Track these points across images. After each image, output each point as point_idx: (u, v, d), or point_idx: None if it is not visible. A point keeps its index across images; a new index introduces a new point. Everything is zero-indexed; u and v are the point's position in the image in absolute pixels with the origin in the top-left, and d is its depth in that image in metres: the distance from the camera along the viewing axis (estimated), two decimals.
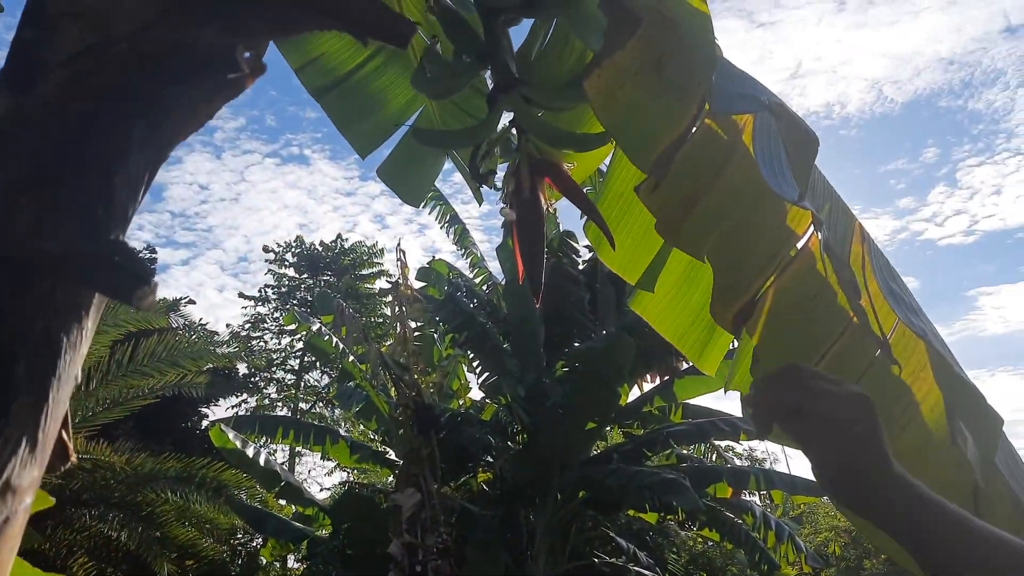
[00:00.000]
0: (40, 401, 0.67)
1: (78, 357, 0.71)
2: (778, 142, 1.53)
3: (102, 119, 0.77)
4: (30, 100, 0.76)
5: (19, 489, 0.66)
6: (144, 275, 0.65)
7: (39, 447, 0.67)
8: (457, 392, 13.02)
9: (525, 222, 1.75)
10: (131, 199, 0.78)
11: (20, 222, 0.70)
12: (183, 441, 16.30)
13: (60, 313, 0.69)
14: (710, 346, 2.46)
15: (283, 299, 32.03)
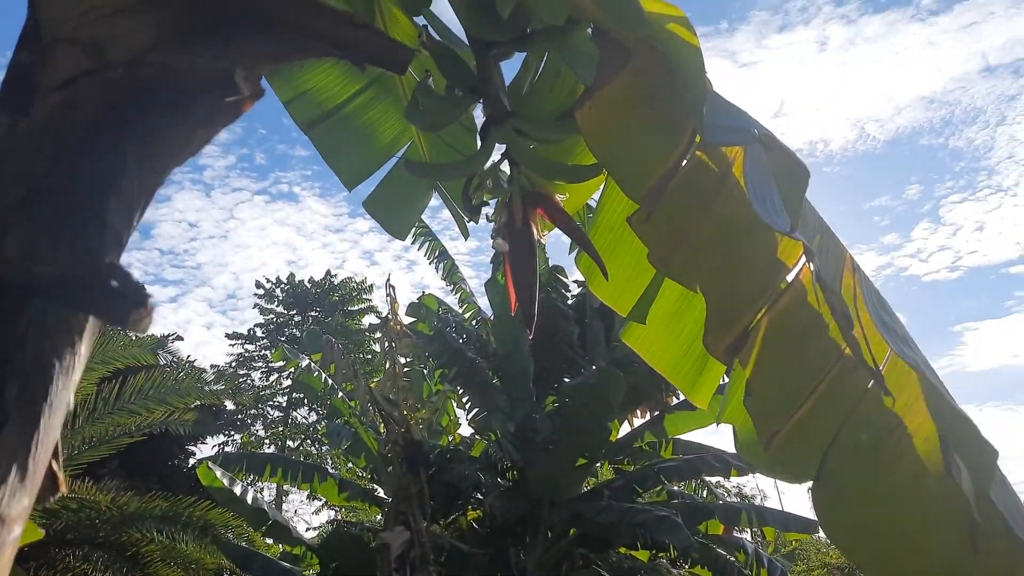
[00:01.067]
0: (31, 427, 0.65)
1: (70, 383, 0.69)
2: (768, 174, 1.54)
3: (96, 142, 0.77)
4: (25, 122, 0.75)
5: (8, 519, 0.64)
6: (140, 298, 0.64)
7: (29, 475, 0.65)
8: (446, 428, 12.94)
9: (518, 253, 1.75)
10: (125, 223, 0.77)
11: (12, 243, 0.69)
12: (169, 479, 16.07)
13: (52, 337, 0.68)
14: (702, 378, 2.45)
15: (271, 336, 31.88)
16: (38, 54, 0.80)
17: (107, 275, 0.65)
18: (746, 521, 10.58)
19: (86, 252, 0.72)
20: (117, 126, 0.78)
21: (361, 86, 2.49)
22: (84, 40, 0.82)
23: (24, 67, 0.80)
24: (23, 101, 0.77)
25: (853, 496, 1.87)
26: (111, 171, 0.77)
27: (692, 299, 2.37)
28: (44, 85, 0.78)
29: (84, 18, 0.83)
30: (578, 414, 9.64)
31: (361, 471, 13.94)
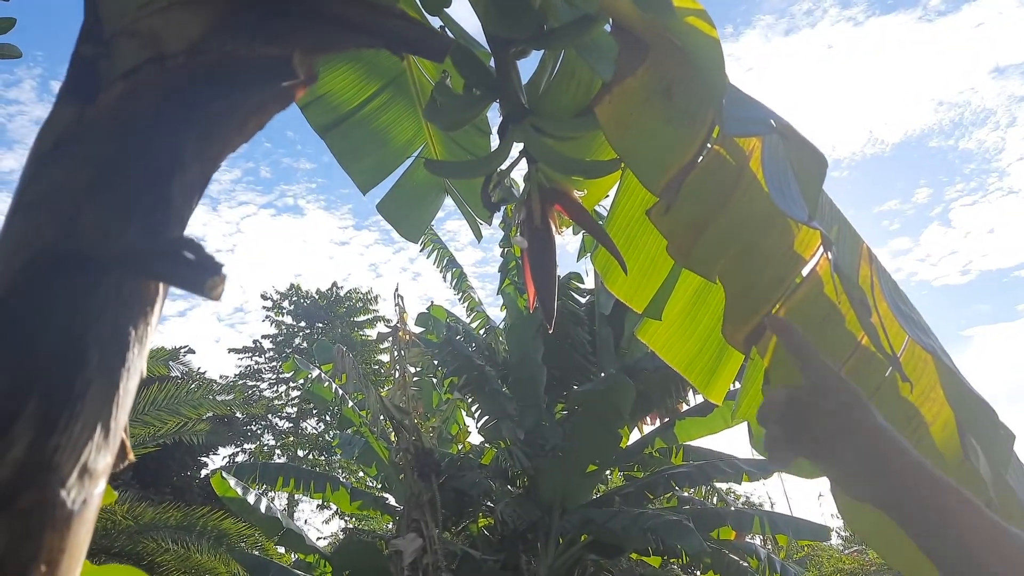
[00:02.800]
0: (111, 390, 0.70)
1: (144, 350, 0.74)
2: (786, 164, 1.57)
3: (158, 128, 0.81)
4: (91, 109, 0.80)
5: (95, 473, 0.68)
6: (214, 267, 0.68)
7: (111, 434, 0.70)
8: (456, 437, 12.96)
9: (537, 250, 1.79)
10: (186, 206, 0.82)
11: (87, 222, 0.73)
12: (182, 490, 16.15)
13: (127, 307, 0.72)
14: (717, 374, 2.48)
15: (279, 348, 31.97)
16: (100, 46, 0.85)
17: (181, 247, 0.70)
18: (758, 526, 10.56)
19: (153, 232, 0.77)
20: (177, 112, 0.83)
21: (375, 90, 2.54)
22: (143, 32, 0.87)
23: (87, 59, 0.85)
24: (88, 91, 0.82)
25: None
26: (173, 156, 0.81)
27: (707, 295, 2.40)
28: (107, 75, 0.83)
29: (142, 11, 0.88)
30: (588, 421, 9.66)
31: (372, 480, 13.97)
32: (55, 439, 0.68)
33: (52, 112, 0.81)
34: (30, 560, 0.66)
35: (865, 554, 18.69)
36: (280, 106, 0.86)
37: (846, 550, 22.50)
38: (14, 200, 0.76)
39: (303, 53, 0.89)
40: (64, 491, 0.68)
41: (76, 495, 0.69)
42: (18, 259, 0.73)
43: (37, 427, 0.68)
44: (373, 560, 10.28)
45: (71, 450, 0.69)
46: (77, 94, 0.81)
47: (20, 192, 0.76)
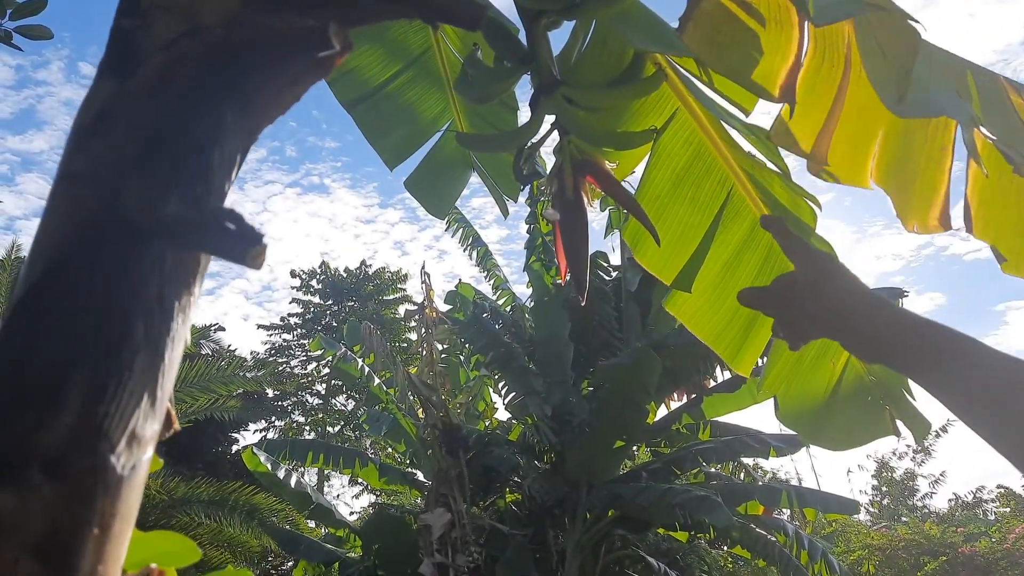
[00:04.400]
0: (157, 359, 0.71)
1: (188, 321, 0.75)
2: (875, 44, 1.53)
3: (198, 101, 0.82)
4: (131, 82, 0.81)
5: (143, 439, 0.70)
6: (255, 237, 0.69)
7: (158, 402, 0.71)
8: (483, 413, 13.03)
9: (569, 222, 1.79)
10: (226, 177, 0.83)
11: (129, 195, 0.74)
12: (214, 466, 16.41)
13: (171, 277, 0.73)
14: (745, 347, 2.48)
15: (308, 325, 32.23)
16: (138, 19, 0.86)
17: (224, 217, 0.71)
18: (786, 501, 10.54)
19: (195, 203, 0.77)
20: (215, 85, 0.83)
21: (402, 65, 2.54)
22: (179, 5, 0.87)
23: (126, 32, 0.86)
24: (129, 64, 0.82)
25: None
26: (212, 128, 0.82)
27: (737, 268, 2.39)
28: (147, 48, 0.84)
29: None
30: (614, 396, 9.66)
31: (400, 455, 14.11)
32: (104, 406, 0.70)
33: (92, 87, 0.82)
34: (84, 523, 0.68)
35: (893, 529, 18.60)
36: (316, 77, 0.87)
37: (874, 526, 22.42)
38: (58, 172, 0.77)
39: (338, 23, 0.89)
40: (114, 457, 0.70)
41: (126, 461, 0.71)
42: (63, 230, 0.74)
43: (86, 395, 0.69)
44: (402, 534, 10.42)
45: (119, 417, 0.70)
46: (117, 68, 0.82)
47: (64, 164, 0.78)
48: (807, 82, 1.89)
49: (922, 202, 1.98)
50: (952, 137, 1.91)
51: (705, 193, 2.29)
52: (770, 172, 2.14)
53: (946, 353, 1.03)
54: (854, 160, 2.00)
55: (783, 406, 2.53)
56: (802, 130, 1.98)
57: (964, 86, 1.75)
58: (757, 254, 2.38)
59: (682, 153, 2.24)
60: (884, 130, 1.95)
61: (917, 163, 1.94)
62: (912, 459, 25.95)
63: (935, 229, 2.00)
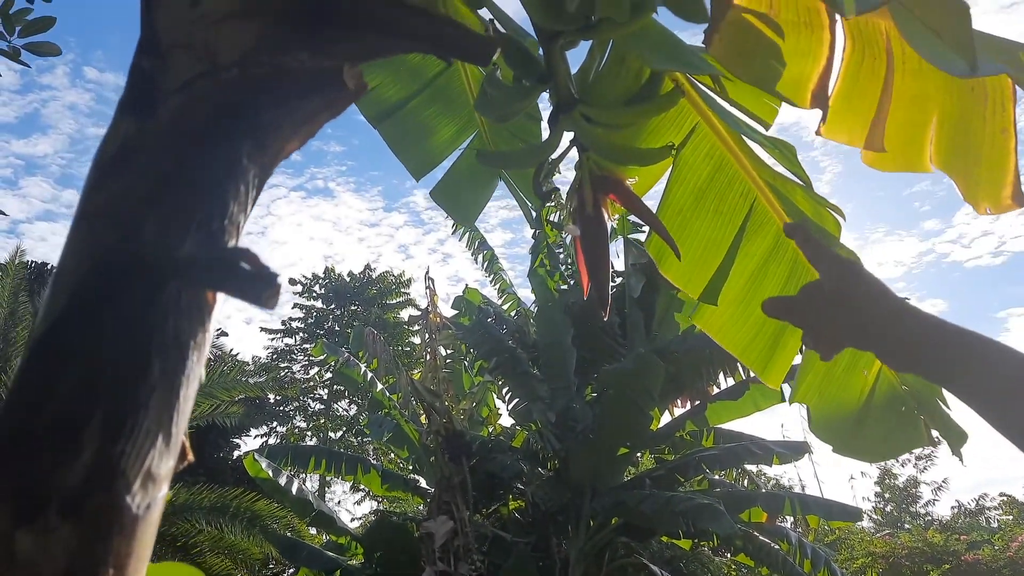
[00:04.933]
0: (172, 397, 0.72)
1: (202, 358, 0.76)
2: (920, 23, 1.50)
3: (215, 139, 0.83)
4: (151, 122, 0.81)
5: (158, 478, 0.70)
6: (270, 278, 0.70)
7: (173, 440, 0.72)
8: (487, 419, 13.02)
9: (590, 238, 1.80)
10: (241, 213, 0.83)
11: (147, 233, 0.75)
12: (216, 472, 16.40)
13: (186, 316, 0.74)
14: (774, 359, 2.47)
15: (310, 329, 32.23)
16: (157, 59, 0.86)
17: (239, 258, 0.71)
18: (789, 509, 10.51)
19: (211, 240, 0.78)
20: (232, 123, 0.84)
21: (427, 80, 2.56)
22: (197, 45, 0.88)
23: (145, 72, 0.86)
24: (148, 104, 0.83)
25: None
26: (228, 166, 0.83)
27: (763, 280, 2.38)
28: (165, 88, 0.84)
29: (196, 24, 0.89)
30: (618, 402, 9.65)
31: (403, 462, 14.11)
32: (121, 445, 0.70)
33: (112, 124, 0.83)
34: (99, 563, 0.68)
35: (896, 537, 18.55)
36: (331, 115, 0.87)
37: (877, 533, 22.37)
38: (78, 209, 0.78)
39: (352, 59, 0.90)
40: (130, 496, 0.70)
41: (141, 500, 0.71)
42: (82, 267, 0.75)
43: (104, 433, 0.70)
44: (404, 542, 10.40)
45: (136, 456, 0.71)
46: (137, 107, 0.82)
47: (83, 202, 0.78)
48: (850, 78, 1.87)
49: (991, 183, 1.93)
50: (1011, 118, 1.88)
51: (728, 206, 2.29)
52: (792, 183, 2.14)
53: (974, 358, 1.02)
54: (911, 147, 1.97)
55: (815, 417, 2.52)
56: (854, 123, 1.95)
57: (1017, 62, 1.74)
58: (783, 265, 2.37)
59: (703, 167, 2.24)
60: (938, 116, 1.92)
61: (979, 146, 1.90)
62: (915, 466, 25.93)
63: (1009, 208, 1.96)
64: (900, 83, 1.86)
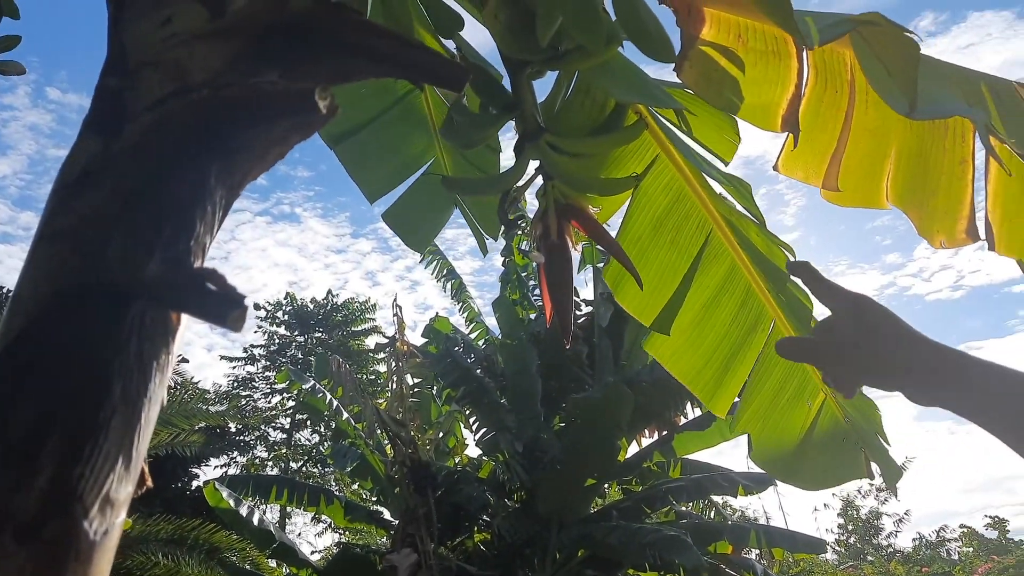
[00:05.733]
0: (134, 420, 0.70)
1: (165, 380, 0.74)
2: (875, 57, 1.53)
3: (183, 160, 0.82)
4: (117, 141, 0.80)
5: (117, 503, 0.69)
6: (237, 299, 0.68)
7: (133, 464, 0.70)
8: (453, 450, 12.90)
9: (553, 265, 1.80)
10: (208, 233, 0.82)
11: (112, 253, 0.74)
12: (173, 502, 16.01)
13: (151, 338, 0.72)
14: (721, 388, 2.50)
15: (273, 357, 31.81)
16: (125, 78, 0.86)
17: (205, 278, 0.70)
18: (754, 540, 10.53)
19: (177, 261, 0.77)
20: (201, 145, 0.83)
21: (386, 105, 2.55)
22: (167, 63, 0.87)
23: (112, 91, 0.85)
24: (115, 123, 0.82)
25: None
26: (196, 186, 0.82)
27: (715, 310, 2.41)
28: (133, 107, 0.83)
29: (167, 43, 0.88)
30: (586, 432, 9.63)
31: (367, 493, 13.91)
32: (79, 469, 0.68)
33: (77, 142, 0.81)
34: None
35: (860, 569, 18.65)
36: (301, 137, 0.87)
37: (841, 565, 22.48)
38: (39, 230, 0.77)
39: (324, 82, 0.89)
40: (87, 521, 0.68)
41: (99, 525, 0.70)
42: (44, 289, 0.73)
43: (62, 457, 0.68)
44: (367, 575, 10.22)
45: (94, 480, 0.69)
46: (102, 126, 0.81)
47: (45, 222, 0.77)
48: (811, 110, 1.91)
49: (947, 216, 1.95)
50: (971, 150, 1.90)
51: (684, 237, 2.32)
52: (747, 219, 2.17)
53: (996, 382, 0.99)
54: (869, 182, 2.01)
55: (757, 445, 2.55)
56: (811, 158, 1.99)
57: (977, 95, 1.77)
58: (735, 297, 2.41)
59: (662, 198, 2.27)
60: (897, 150, 1.96)
61: (937, 179, 1.93)
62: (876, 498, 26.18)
63: (963, 242, 1.97)
64: (861, 115, 1.91)
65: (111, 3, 0.89)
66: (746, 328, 2.43)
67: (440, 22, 1.69)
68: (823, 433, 2.51)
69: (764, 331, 2.44)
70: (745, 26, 1.73)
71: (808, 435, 2.52)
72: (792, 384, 2.49)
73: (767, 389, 2.49)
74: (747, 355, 2.45)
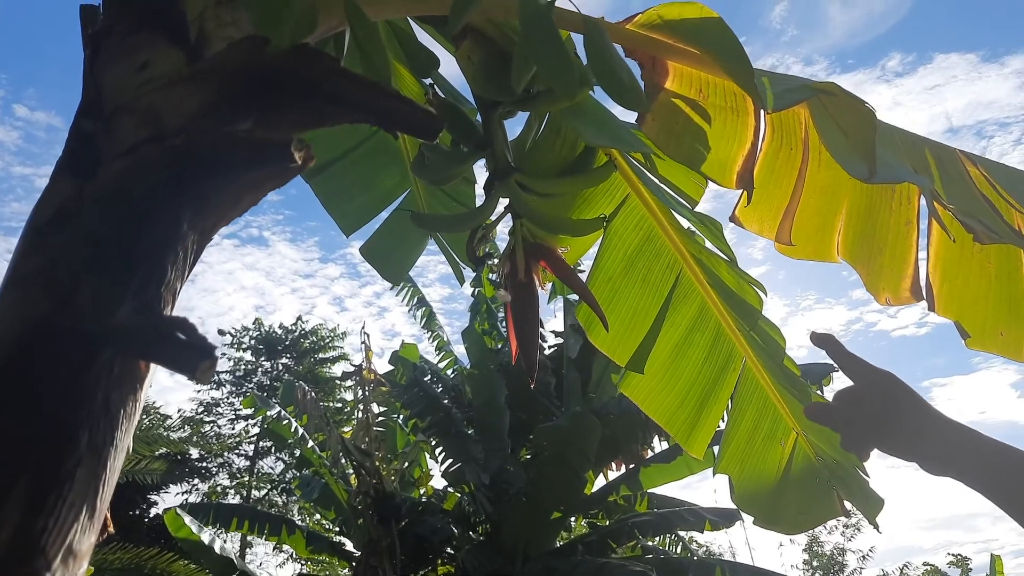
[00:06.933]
0: (99, 470, 0.69)
1: (131, 428, 0.74)
2: (834, 124, 1.58)
3: (156, 205, 0.82)
4: (91, 185, 0.80)
5: (79, 554, 0.68)
6: (206, 349, 0.68)
7: (96, 514, 0.69)
8: (419, 480, 12.76)
9: (520, 304, 1.81)
10: (179, 278, 0.82)
11: (82, 298, 0.73)
12: (129, 530, 15.62)
13: (118, 386, 0.72)
14: (697, 428, 2.50)
15: (239, 383, 31.34)
16: (100, 122, 0.86)
17: (175, 327, 0.70)
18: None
19: (147, 306, 0.77)
20: (175, 190, 0.83)
21: (362, 139, 2.56)
22: (142, 109, 0.87)
23: (87, 134, 0.85)
24: (89, 167, 0.82)
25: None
26: (168, 232, 0.82)
27: (688, 349, 2.43)
28: (108, 152, 0.83)
29: (143, 88, 0.89)
30: (553, 462, 9.58)
31: (329, 523, 13.69)
32: (42, 520, 0.67)
33: (50, 184, 0.81)
34: None
35: None
36: (275, 185, 0.87)
37: None
38: (9, 272, 0.76)
39: (293, 129, 0.90)
40: (49, 574, 0.67)
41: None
42: (12, 333, 0.73)
43: (25, 508, 0.67)
44: None
45: (57, 531, 0.68)
46: (76, 169, 0.81)
47: (15, 264, 0.76)
48: (767, 166, 1.97)
49: (892, 275, 2.03)
50: (916, 212, 2.00)
51: (655, 276, 2.34)
52: (717, 258, 2.20)
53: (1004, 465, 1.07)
54: (820, 236, 2.07)
55: (738, 488, 2.56)
56: (766, 212, 2.04)
57: (923, 161, 1.85)
58: (706, 335, 2.43)
59: (633, 237, 2.29)
60: (847, 207, 2.03)
61: (884, 237, 2.02)
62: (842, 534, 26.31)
63: (907, 300, 2.05)
64: (814, 173, 1.96)
65: (87, 46, 0.89)
66: (719, 367, 2.45)
67: (416, 62, 1.70)
68: (798, 472, 2.52)
69: (736, 370, 2.46)
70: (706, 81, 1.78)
71: (785, 475, 2.53)
72: (765, 424, 2.51)
73: (743, 430, 2.51)
74: (721, 394, 2.47)
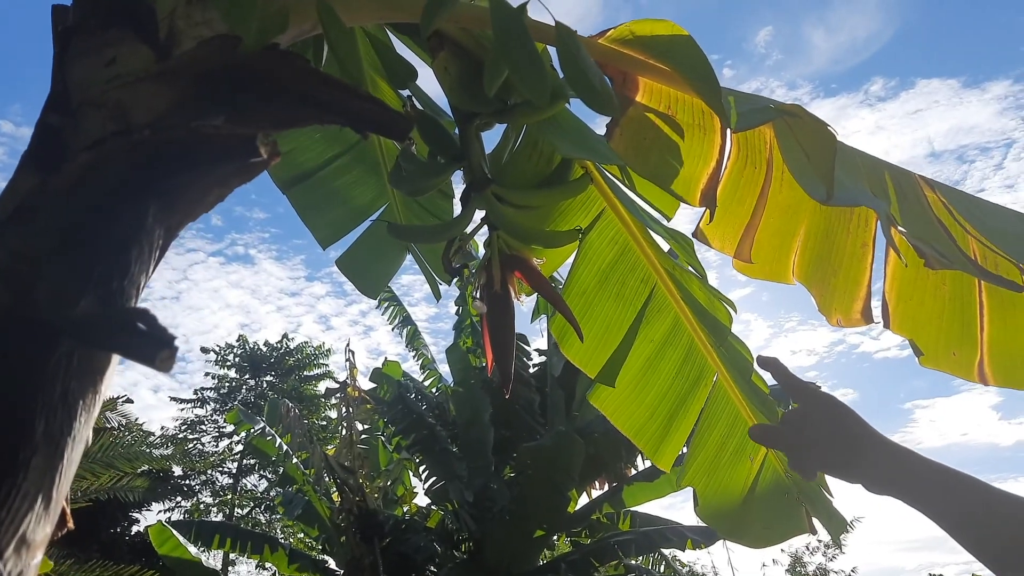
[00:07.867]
0: (56, 460, 0.69)
1: (91, 419, 0.74)
2: (797, 145, 1.61)
3: (121, 200, 0.82)
4: (55, 178, 0.81)
5: (33, 544, 0.67)
6: (166, 339, 0.69)
7: (52, 504, 0.69)
8: (402, 498, 12.69)
9: (496, 315, 1.81)
10: (143, 272, 0.83)
11: (43, 290, 0.74)
12: (110, 548, 15.45)
13: (78, 376, 0.72)
14: (666, 441, 2.51)
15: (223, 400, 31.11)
16: (67, 116, 0.86)
17: (135, 318, 0.70)
18: None
19: (110, 299, 0.77)
20: (141, 184, 0.84)
21: (340, 150, 2.57)
22: (110, 104, 0.88)
23: (53, 128, 0.86)
24: (53, 160, 0.83)
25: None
26: (133, 226, 0.82)
27: (659, 363, 2.44)
28: (73, 146, 0.84)
29: (111, 84, 0.89)
30: (536, 480, 9.55)
31: (312, 541, 13.56)
32: None
33: (14, 178, 0.82)
34: None
35: None
36: (242, 181, 0.88)
37: None
38: None
39: (262, 128, 0.91)
40: (1, 563, 0.67)
41: (13, 567, 0.68)
42: None
43: None
44: None
45: (10, 521, 0.68)
46: (41, 162, 0.82)
47: None
48: (731, 183, 2.00)
49: (844, 297, 2.07)
50: (872, 234, 2.03)
51: (630, 289, 2.35)
52: (690, 274, 2.22)
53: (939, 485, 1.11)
54: (777, 257, 2.11)
55: (703, 500, 2.56)
56: (727, 229, 2.08)
57: (881, 185, 1.88)
58: (679, 350, 2.44)
59: (607, 251, 2.31)
60: (805, 228, 2.06)
61: (839, 259, 2.06)
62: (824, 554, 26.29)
63: (857, 323, 2.09)
64: (776, 192, 2.00)
65: (56, 41, 0.90)
66: (690, 382, 2.46)
67: (394, 73, 1.72)
68: (766, 488, 2.53)
69: (707, 385, 2.47)
70: (675, 98, 1.81)
71: (752, 491, 2.54)
72: (735, 440, 2.52)
73: (711, 444, 2.52)
74: (691, 409, 2.48)
